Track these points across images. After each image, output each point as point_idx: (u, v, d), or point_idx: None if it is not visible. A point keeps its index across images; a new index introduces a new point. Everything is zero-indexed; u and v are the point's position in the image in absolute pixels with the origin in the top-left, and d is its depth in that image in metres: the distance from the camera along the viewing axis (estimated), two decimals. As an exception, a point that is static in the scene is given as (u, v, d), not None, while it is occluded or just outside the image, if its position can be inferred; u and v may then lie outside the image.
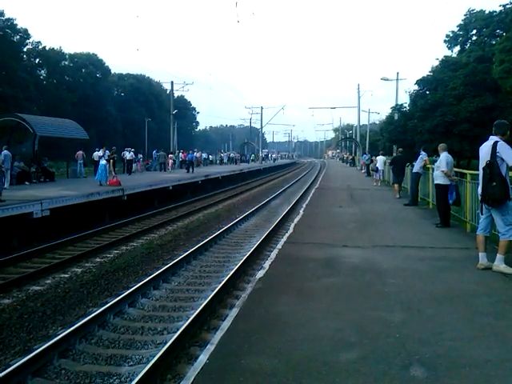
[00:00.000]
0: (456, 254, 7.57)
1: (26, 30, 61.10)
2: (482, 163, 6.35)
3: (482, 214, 6.64)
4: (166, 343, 5.55)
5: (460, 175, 10.68)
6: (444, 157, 10.06)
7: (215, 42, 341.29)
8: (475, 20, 36.38)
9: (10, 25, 58.59)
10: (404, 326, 4.48)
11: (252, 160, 68.01)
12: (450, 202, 9.86)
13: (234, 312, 5.07)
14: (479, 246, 6.61)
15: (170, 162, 35.31)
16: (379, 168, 23.59)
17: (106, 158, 19.34)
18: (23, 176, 19.79)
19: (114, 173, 19.12)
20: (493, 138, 6.34)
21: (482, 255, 6.55)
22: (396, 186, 16.93)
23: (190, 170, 32.50)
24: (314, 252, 7.78)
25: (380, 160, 24.02)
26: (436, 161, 10.85)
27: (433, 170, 11.73)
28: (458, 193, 9.77)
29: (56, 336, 5.90)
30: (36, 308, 7.43)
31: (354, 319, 4.70)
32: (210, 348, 4.15)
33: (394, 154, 32.66)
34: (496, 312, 4.86)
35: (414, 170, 14.33)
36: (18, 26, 59.83)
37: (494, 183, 6.10)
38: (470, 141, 27.81)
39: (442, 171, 9.92)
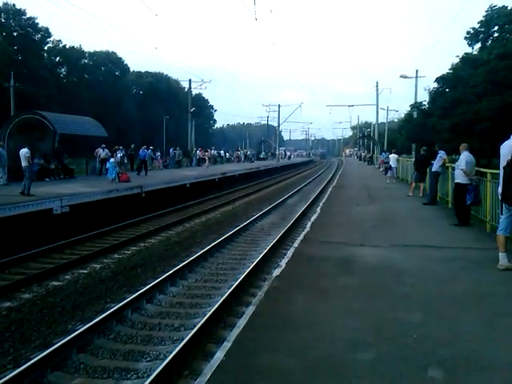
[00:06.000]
0: (475, 254, 7.47)
1: (46, 29, 62.11)
2: (503, 162, 6.25)
3: (502, 214, 6.54)
4: (182, 340, 5.59)
5: (480, 174, 10.53)
6: (464, 156, 10.03)
7: (233, 40, 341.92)
8: (497, 16, 35.64)
9: (31, 24, 59.60)
10: (422, 327, 4.43)
11: (263, 158, 66.77)
12: (468, 202, 9.75)
13: (250, 310, 5.07)
14: (499, 246, 6.51)
15: (207, 159, 35.56)
16: (392, 166, 23.92)
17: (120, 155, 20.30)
18: (43, 173, 20.10)
19: (122, 169, 20.05)
20: (514, 137, 6.23)
21: (502, 255, 6.46)
22: (414, 184, 16.83)
23: (143, 172, 24.85)
24: (330, 251, 7.74)
25: (393, 158, 24.42)
26: (456, 160, 10.74)
27: (453, 169, 11.62)
28: (477, 193, 9.64)
29: (75, 331, 5.99)
30: (56, 303, 7.54)
31: (370, 319, 4.67)
32: (227, 345, 4.16)
33: (413, 153, 32.38)
34: (516, 314, 4.77)
35: (433, 169, 14.17)
36: (40, 25, 60.86)
37: (515, 183, 5.99)
38: (491, 139, 27.29)
39: (461, 170, 9.90)
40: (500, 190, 6.36)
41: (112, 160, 19.89)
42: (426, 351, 3.90)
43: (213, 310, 6.50)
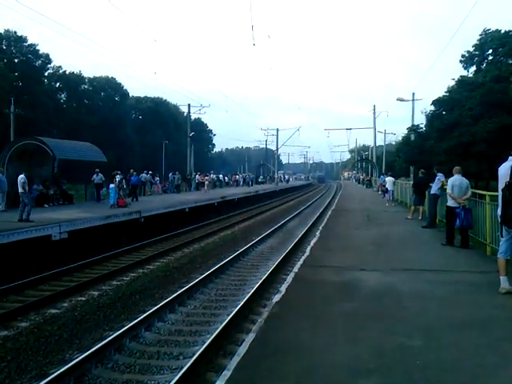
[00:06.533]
0: (476, 278, 7.42)
1: (47, 55, 63.12)
2: (501, 184, 6.25)
3: (502, 237, 6.51)
4: (181, 368, 5.51)
5: (479, 196, 10.55)
6: (451, 179, 10.29)
7: (231, 65, 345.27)
8: (491, 40, 36.22)
9: (32, 50, 60.53)
10: (424, 353, 4.37)
11: (262, 182, 66.80)
12: (457, 225, 9.83)
13: (250, 337, 5.01)
14: (500, 269, 6.47)
15: (206, 183, 35.80)
16: (389, 189, 24.08)
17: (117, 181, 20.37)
18: (42, 198, 20.09)
19: (121, 194, 20.43)
20: (512, 159, 6.26)
21: (503, 279, 6.41)
22: (413, 207, 16.84)
23: (143, 197, 25.22)
24: (330, 275, 7.69)
25: (389, 181, 24.58)
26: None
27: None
28: (468, 216, 9.67)
29: (72, 360, 5.90)
30: (53, 331, 7.44)
31: (371, 345, 4.61)
32: (227, 374, 4.10)
33: (412, 175, 32.49)
34: (519, 339, 4.72)
35: (431, 192, 14.15)
36: (40, 52, 61.80)
37: (514, 205, 5.98)
38: (488, 161, 27.43)
39: (447, 193, 10.25)
40: (499, 212, 6.35)
41: (112, 186, 19.98)
42: (429, 378, 3.84)
43: (212, 337, 6.42)
